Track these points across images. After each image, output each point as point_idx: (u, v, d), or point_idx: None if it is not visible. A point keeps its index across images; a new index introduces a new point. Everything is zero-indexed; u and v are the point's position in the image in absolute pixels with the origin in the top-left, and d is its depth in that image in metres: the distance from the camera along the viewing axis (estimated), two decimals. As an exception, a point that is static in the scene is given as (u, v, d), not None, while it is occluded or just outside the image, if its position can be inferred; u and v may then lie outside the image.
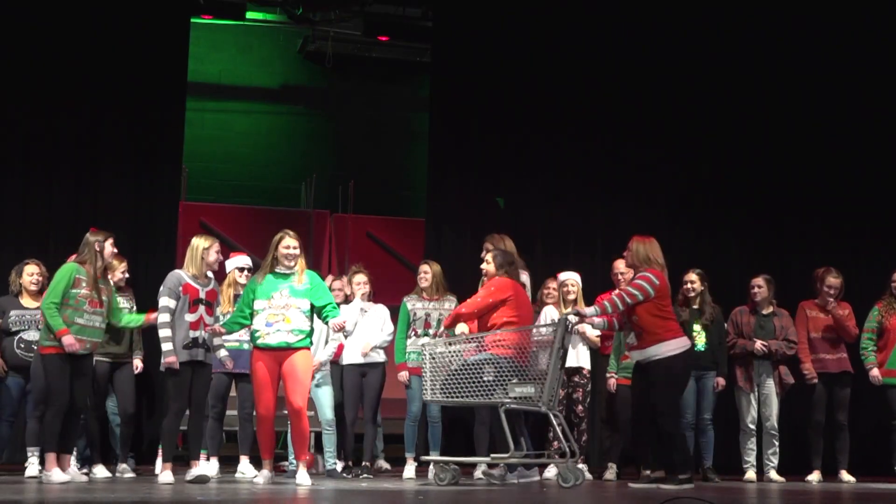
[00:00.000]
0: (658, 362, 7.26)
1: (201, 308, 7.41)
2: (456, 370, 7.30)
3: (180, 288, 7.38)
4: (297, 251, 7.35)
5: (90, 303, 7.37)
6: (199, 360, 7.39)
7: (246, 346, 8.01)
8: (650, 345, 7.27)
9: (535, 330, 7.46)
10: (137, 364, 8.33)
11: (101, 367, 8.12)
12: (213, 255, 7.51)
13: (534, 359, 7.27)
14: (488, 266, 7.85)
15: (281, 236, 7.40)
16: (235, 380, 8.31)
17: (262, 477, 7.30)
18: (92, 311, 7.39)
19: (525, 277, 8.29)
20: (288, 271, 7.35)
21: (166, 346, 7.30)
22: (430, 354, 7.44)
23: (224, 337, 8.05)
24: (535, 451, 7.93)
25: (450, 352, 7.39)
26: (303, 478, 7.16)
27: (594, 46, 11.60)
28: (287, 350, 7.23)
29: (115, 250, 7.70)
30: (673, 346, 7.27)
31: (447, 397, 7.35)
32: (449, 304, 8.70)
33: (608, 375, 8.91)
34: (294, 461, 7.91)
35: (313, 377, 7.99)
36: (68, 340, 7.20)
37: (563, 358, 7.51)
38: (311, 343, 7.47)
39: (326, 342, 8.40)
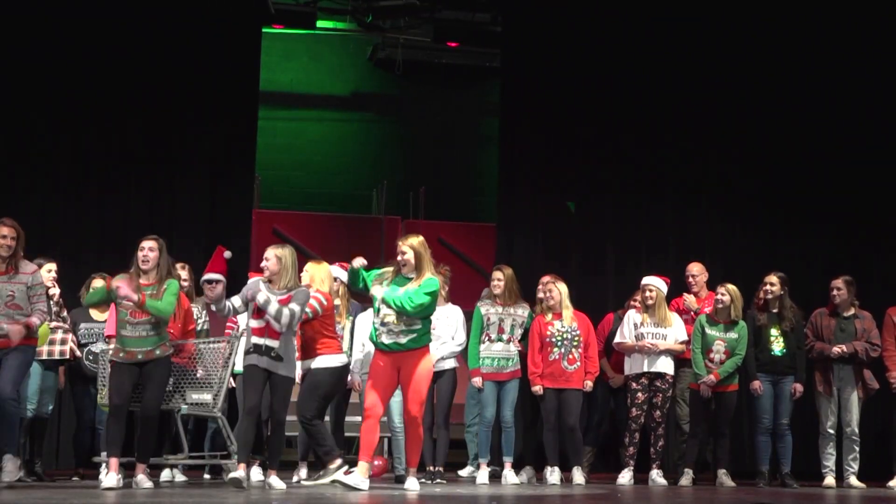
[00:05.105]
0: (311, 372, 7.69)
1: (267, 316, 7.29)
2: None
3: (248, 293, 7.38)
4: (409, 257, 7.18)
5: (131, 313, 7.12)
6: (264, 367, 7.22)
7: None
8: (309, 357, 7.74)
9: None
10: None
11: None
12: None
13: (213, 368, 7.56)
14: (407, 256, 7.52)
15: (398, 242, 7.31)
16: None
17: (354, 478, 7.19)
18: (136, 322, 7.13)
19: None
20: (408, 276, 7.23)
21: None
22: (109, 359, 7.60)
23: None
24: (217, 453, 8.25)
25: None
26: (412, 484, 7.19)
27: (665, 51, 11.48)
28: (402, 352, 7.14)
29: (148, 255, 7.21)
30: (323, 362, 7.68)
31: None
32: (522, 310, 8.69)
33: (701, 381, 8.76)
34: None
35: None
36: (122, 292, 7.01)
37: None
38: (430, 340, 7.34)
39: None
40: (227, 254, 8.70)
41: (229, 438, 7.66)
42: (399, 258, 7.22)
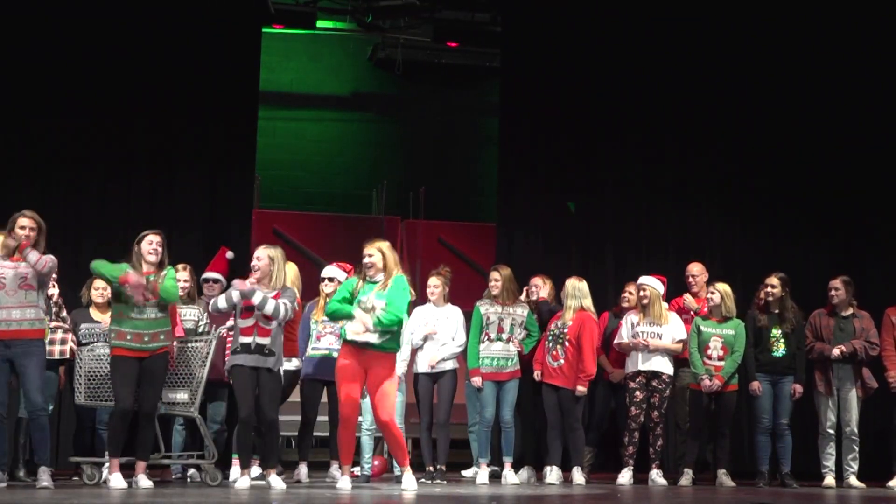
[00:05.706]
0: None
1: (257, 314, 7.30)
2: (107, 374, 7.50)
3: (235, 297, 7.37)
4: (374, 260, 7.21)
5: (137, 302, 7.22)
6: (251, 365, 7.26)
7: (335, 353, 8.07)
8: None
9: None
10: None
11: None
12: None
13: (189, 366, 7.61)
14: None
15: (364, 246, 7.32)
16: (327, 387, 8.33)
17: (342, 482, 7.22)
18: (142, 308, 7.25)
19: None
20: (374, 279, 7.25)
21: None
22: (87, 357, 7.65)
23: (313, 344, 8.13)
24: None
25: (105, 355, 7.55)
26: (408, 482, 7.19)
27: (665, 51, 11.48)
28: (371, 352, 7.15)
29: (157, 248, 7.42)
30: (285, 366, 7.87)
31: (94, 400, 7.61)
32: (521, 310, 8.70)
33: (702, 377, 8.76)
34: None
35: None
36: (132, 278, 7.17)
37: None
38: (399, 347, 7.40)
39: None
40: (230, 254, 8.71)
41: (206, 438, 7.70)
42: (365, 261, 7.23)
